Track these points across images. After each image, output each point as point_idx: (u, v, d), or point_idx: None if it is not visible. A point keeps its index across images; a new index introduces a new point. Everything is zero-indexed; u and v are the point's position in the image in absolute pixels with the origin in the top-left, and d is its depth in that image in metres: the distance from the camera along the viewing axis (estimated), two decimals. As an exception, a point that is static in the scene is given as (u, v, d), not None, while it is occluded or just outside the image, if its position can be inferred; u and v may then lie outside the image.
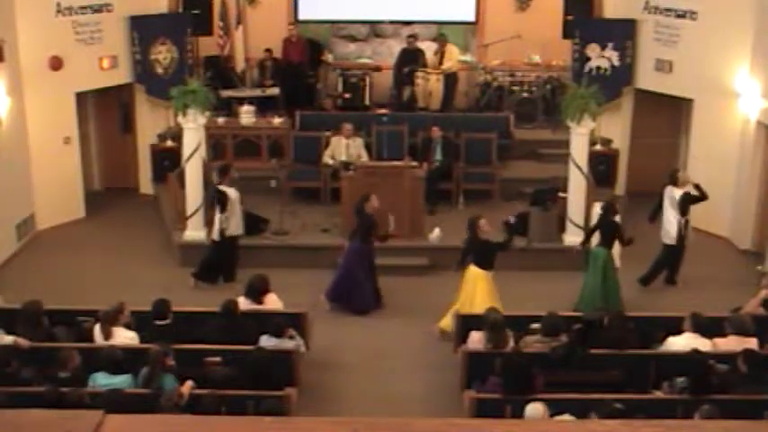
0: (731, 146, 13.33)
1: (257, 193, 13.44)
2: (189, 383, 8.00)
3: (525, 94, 15.89)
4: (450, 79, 15.65)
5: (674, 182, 11.78)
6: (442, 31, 16.13)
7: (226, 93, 15.28)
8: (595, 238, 11.33)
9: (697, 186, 11.75)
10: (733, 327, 8.96)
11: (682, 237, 11.68)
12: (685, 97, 14.12)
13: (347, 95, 16.03)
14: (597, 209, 11.63)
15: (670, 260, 11.96)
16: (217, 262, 11.95)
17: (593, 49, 14.59)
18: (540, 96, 15.77)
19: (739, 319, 9.09)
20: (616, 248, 12.41)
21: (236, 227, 11.92)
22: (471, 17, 16.52)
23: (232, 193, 11.80)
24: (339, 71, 16.33)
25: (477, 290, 10.41)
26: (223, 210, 11.67)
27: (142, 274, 12.16)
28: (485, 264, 10.47)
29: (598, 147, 14.21)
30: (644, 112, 14.84)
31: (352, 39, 17.03)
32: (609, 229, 11.18)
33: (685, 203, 11.62)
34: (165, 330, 8.94)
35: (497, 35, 15.92)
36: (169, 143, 14.57)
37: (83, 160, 14.37)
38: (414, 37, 15.97)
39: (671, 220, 11.73)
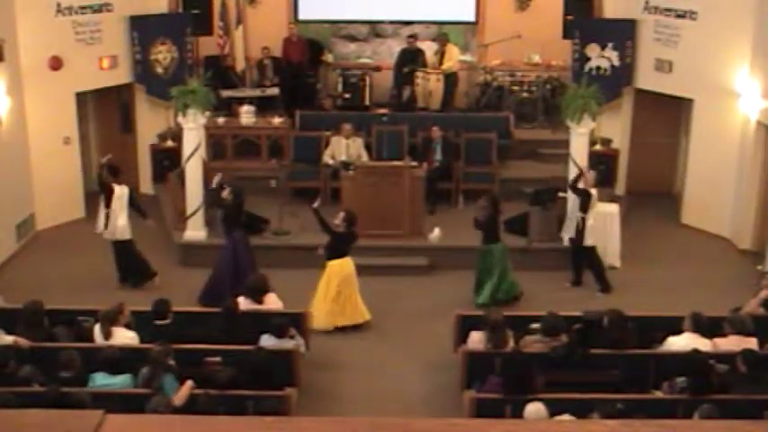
0: (731, 146, 13.33)
1: (257, 193, 13.44)
2: (189, 383, 8.00)
3: (525, 94, 15.89)
4: (450, 79, 15.64)
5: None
6: (444, 31, 16.13)
7: (226, 93, 15.27)
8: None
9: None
10: (733, 327, 8.95)
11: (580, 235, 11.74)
12: (685, 97, 14.11)
13: (347, 95, 16.02)
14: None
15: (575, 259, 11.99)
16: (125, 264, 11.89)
17: (593, 49, 14.59)
18: (540, 96, 15.77)
19: (739, 319, 9.09)
20: (614, 249, 12.44)
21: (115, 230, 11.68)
22: (471, 17, 16.53)
23: (118, 190, 11.60)
24: (339, 71, 16.33)
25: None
26: (108, 205, 11.51)
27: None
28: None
29: (598, 147, 14.21)
30: (644, 112, 14.83)
31: (352, 39, 17.02)
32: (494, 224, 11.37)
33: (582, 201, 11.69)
34: (165, 330, 8.94)
35: (497, 35, 15.92)
36: (169, 143, 14.58)
37: (83, 160, 14.37)
38: (414, 37, 15.96)
39: (572, 218, 11.80)
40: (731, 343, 8.78)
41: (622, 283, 11.99)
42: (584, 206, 11.60)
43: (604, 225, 12.39)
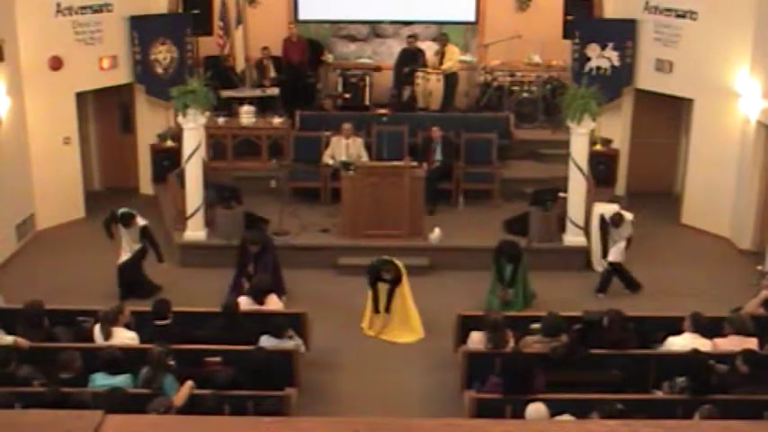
0: (731, 146, 13.33)
1: (257, 193, 13.44)
2: (189, 384, 8.00)
3: (525, 94, 15.88)
4: (451, 79, 15.63)
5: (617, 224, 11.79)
6: (444, 31, 16.13)
7: (226, 93, 15.27)
8: None
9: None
10: (733, 327, 8.96)
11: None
12: (685, 97, 14.12)
13: (347, 95, 16.02)
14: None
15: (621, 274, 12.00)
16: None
17: (593, 49, 14.59)
18: (540, 96, 15.77)
19: (739, 319, 9.10)
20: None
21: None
22: (471, 17, 16.53)
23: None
24: (339, 71, 16.32)
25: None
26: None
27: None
28: None
29: (598, 147, 14.20)
30: (644, 112, 14.83)
31: (352, 39, 17.02)
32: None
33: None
34: (165, 330, 8.94)
35: (497, 35, 15.92)
36: (169, 143, 14.57)
37: (83, 160, 14.36)
38: (414, 37, 15.96)
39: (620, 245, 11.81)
40: (731, 343, 8.78)
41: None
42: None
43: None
